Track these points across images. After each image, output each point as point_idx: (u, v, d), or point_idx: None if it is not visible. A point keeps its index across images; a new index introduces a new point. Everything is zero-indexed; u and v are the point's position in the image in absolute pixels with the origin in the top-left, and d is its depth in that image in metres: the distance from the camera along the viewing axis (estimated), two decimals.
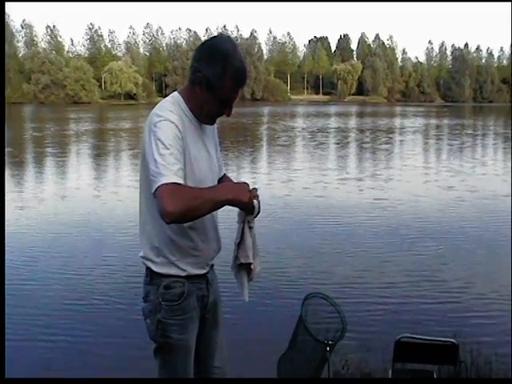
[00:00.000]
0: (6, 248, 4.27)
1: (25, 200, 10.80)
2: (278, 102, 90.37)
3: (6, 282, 3.84)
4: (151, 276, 2.26)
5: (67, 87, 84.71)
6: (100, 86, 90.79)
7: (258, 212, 2.22)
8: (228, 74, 2.11)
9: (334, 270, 6.65)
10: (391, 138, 27.11)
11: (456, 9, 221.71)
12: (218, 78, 2.11)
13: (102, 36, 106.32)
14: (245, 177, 13.53)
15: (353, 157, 19.35)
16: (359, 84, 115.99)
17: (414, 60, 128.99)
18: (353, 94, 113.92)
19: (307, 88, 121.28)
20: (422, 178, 13.80)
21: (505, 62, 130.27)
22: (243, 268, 2.31)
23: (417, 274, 6.49)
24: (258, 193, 2.21)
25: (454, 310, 5.44)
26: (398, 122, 42.77)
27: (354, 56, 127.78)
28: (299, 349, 3.45)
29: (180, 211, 1.88)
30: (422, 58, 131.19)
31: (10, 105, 70.02)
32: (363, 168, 15.99)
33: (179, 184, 1.93)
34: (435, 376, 3.43)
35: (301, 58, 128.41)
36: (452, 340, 3.39)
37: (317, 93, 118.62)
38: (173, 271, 2.23)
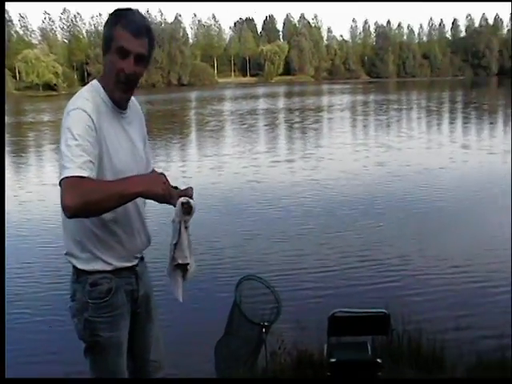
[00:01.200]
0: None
1: None
2: (205, 86, 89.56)
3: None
4: (77, 274, 2.17)
5: None
6: (14, 77, 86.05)
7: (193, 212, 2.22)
8: (119, 24, 2.04)
9: (268, 255, 6.58)
10: (320, 116, 27.47)
11: None
12: (109, 31, 2.06)
13: (11, 21, 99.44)
14: (174, 165, 13.31)
15: (283, 138, 19.32)
16: (286, 64, 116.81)
17: (339, 38, 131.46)
18: (280, 75, 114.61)
19: (234, 71, 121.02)
20: (354, 156, 13.92)
21: (424, 38, 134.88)
22: (179, 268, 2.27)
23: (353, 254, 6.55)
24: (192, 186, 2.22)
25: (390, 287, 5.54)
26: (325, 100, 43.38)
27: (280, 37, 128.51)
28: (235, 333, 3.44)
29: (77, 205, 1.78)
30: (347, 36, 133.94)
31: None
32: (294, 149, 15.96)
33: (82, 177, 1.83)
34: (369, 346, 3.50)
35: (227, 40, 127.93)
36: (383, 310, 3.46)
37: (244, 75, 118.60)
38: (98, 266, 2.15)
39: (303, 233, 7.48)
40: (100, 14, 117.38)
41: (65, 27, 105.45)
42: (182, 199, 2.17)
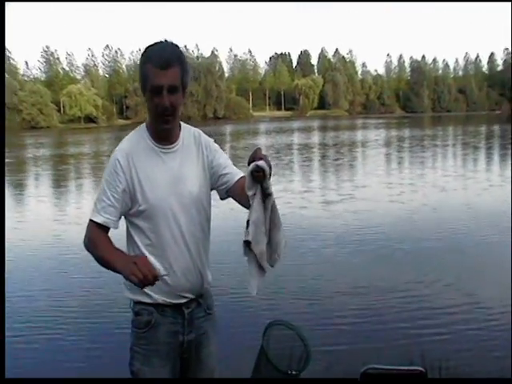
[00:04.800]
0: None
1: None
2: (240, 120, 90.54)
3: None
4: (132, 301, 2.27)
5: (23, 112, 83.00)
6: (59, 110, 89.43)
7: (270, 173, 1.95)
8: (148, 62, 2.08)
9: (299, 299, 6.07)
10: (357, 152, 27.16)
11: (412, 22, 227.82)
12: (142, 71, 2.10)
13: (58, 59, 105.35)
14: None
15: (320, 176, 18.50)
16: (321, 98, 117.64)
17: (374, 73, 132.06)
18: (315, 109, 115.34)
19: (269, 104, 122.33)
20: (400, 197, 12.69)
21: (460, 72, 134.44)
22: (248, 248, 2.01)
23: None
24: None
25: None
26: (361, 134, 43.16)
27: (315, 71, 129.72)
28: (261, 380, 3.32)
29: (84, 244, 2.17)
30: (382, 71, 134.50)
31: None
32: (333, 189, 14.81)
33: (95, 223, 2.13)
34: None
35: (262, 74, 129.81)
36: (419, 368, 3.31)
37: (279, 109, 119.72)
38: (139, 296, 2.21)
39: (353, 292, 6.38)
40: (140, 50, 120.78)
41: (106, 62, 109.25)
42: (250, 167, 1.91)
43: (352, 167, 20.75)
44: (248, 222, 1.99)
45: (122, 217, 2.22)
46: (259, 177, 1.93)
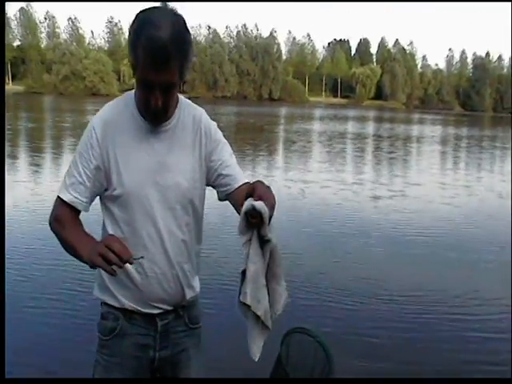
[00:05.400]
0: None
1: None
2: (295, 103, 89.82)
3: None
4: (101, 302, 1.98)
5: (86, 79, 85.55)
6: (119, 79, 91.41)
7: (269, 217, 1.56)
8: (140, 44, 1.61)
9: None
10: (413, 147, 26.36)
11: (477, 17, 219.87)
12: (132, 50, 1.65)
13: (121, 29, 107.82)
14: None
15: (372, 169, 17.82)
16: (378, 88, 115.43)
17: (434, 67, 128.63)
18: (371, 99, 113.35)
19: (325, 90, 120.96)
20: (455, 200, 12.03)
21: None
22: (245, 308, 1.67)
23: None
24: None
25: None
26: (417, 129, 42.10)
27: (374, 60, 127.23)
28: None
29: (49, 224, 1.87)
30: (442, 66, 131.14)
31: (30, 94, 70.76)
32: (386, 183, 14.14)
33: (63, 201, 1.81)
34: None
35: (320, 59, 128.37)
36: None
37: (335, 96, 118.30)
38: (106, 297, 1.90)
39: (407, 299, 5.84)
40: (199, 25, 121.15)
41: None
42: (245, 207, 1.54)
43: (405, 162, 20.12)
44: (243, 273, 1.64)
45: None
46: (255, 222, 1.55)
